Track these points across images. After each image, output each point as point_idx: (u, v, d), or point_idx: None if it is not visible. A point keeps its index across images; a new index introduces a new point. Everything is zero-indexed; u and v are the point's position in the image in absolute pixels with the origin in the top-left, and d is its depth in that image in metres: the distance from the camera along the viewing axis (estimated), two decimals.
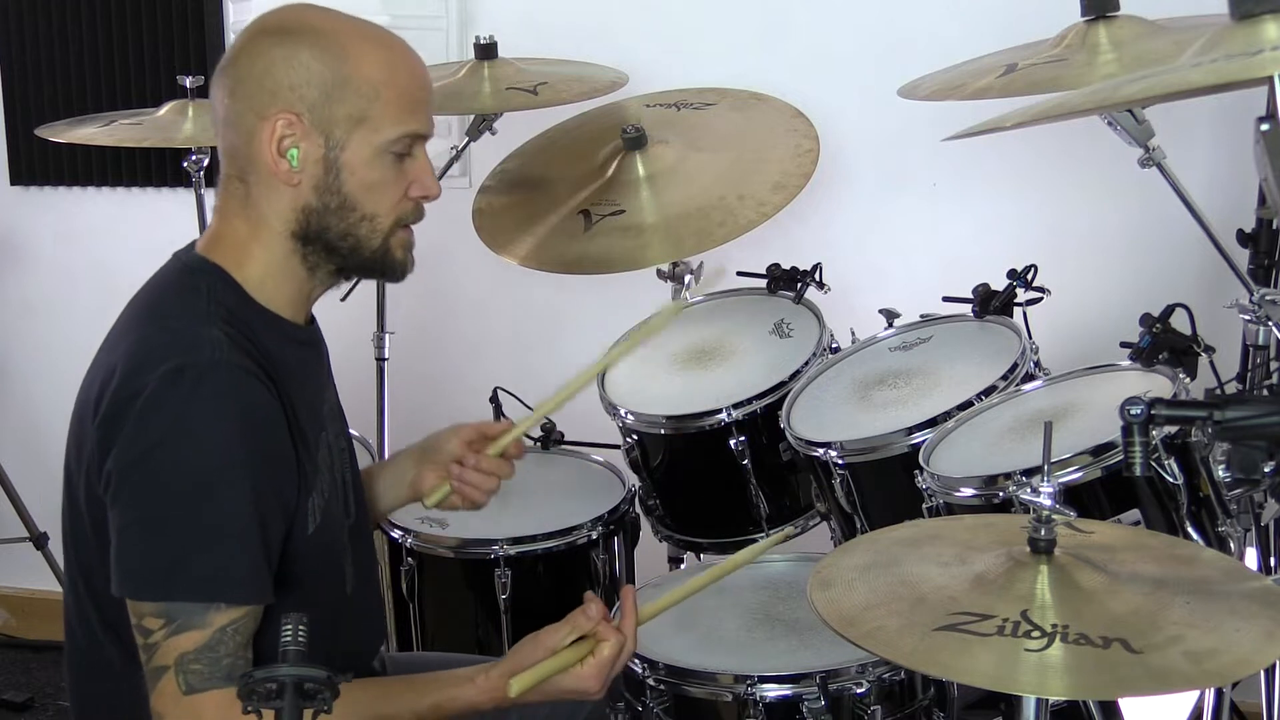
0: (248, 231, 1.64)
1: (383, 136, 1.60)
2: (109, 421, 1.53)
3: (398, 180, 1.63)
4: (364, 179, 1.61)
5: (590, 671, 1.60)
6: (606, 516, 2.31)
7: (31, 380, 3.66)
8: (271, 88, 1.58)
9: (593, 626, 1.61)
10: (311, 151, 1.59)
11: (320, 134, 1.58)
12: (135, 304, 1.67)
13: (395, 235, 1.66)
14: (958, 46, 2.38)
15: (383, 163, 1.61)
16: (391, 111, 1.60)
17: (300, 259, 1.64)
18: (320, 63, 1.58)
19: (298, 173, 1.59)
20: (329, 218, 1.62)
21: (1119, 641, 1.34)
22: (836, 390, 2.27)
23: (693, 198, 2.44)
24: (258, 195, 1.62)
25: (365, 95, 1.59)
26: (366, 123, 1.59)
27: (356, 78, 1.58)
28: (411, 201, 1.66)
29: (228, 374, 1.53)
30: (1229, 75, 1.43)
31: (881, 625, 1.43)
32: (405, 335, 2.82)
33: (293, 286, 1.66)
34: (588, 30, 3.00)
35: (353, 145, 1.59)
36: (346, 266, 1.67)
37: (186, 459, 1.50)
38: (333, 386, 1.81)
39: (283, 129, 1.58)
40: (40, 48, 3.43)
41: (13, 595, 3.69)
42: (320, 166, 1.60)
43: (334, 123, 1.58)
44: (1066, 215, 2.84)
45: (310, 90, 1.57)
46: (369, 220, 1.63)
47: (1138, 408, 1.40)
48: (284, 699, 1.17)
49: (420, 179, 1.65)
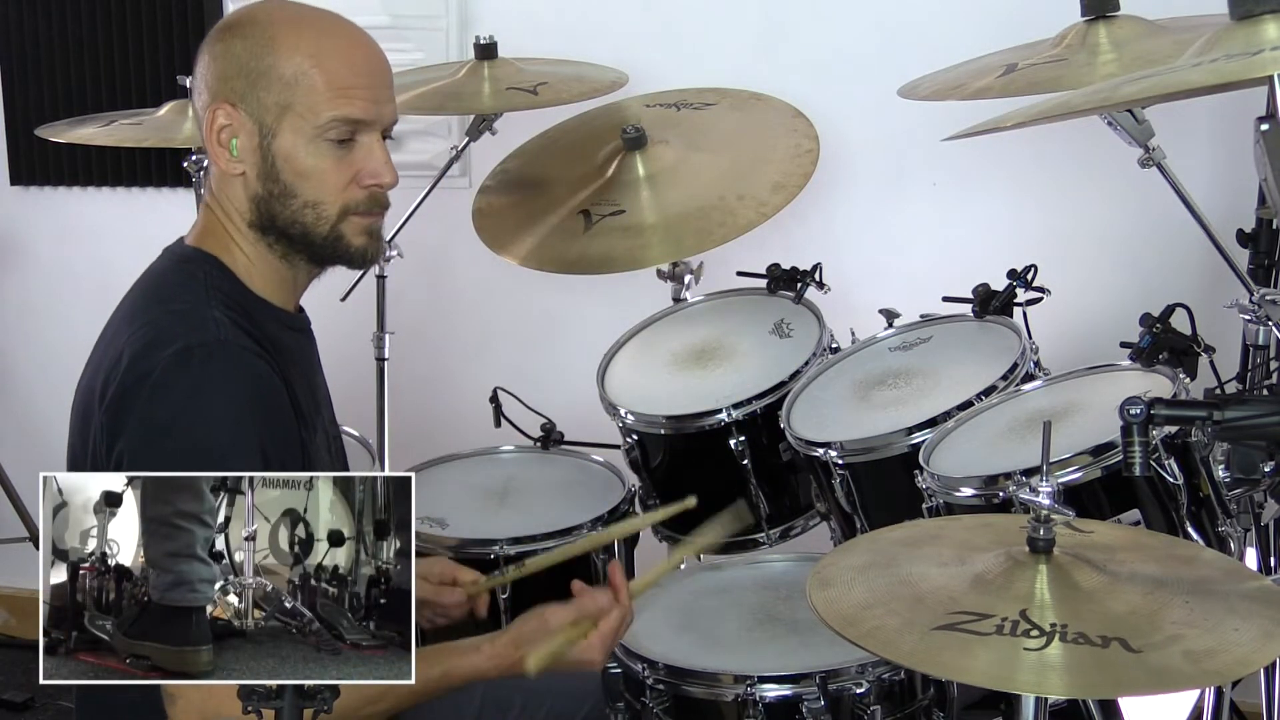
0: (225, 224, 1.68)
1: (310, 123, 1.61)
2: (118, 403, 1.54)
3: (338, 167, 1.63)
4: (299, 166, 1.63)
5: (596, 643, 1.67)
6: (606, 516, 2.31)
7: (31, 380, 3.66)
8: (210, 82, 1.64)
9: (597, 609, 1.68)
10: (247, 141, 1.63)
11: (254, 122, 1.62)
12: (133, 295, 1.68)
13: (346, 222, 1.66)
14: (958, 46, 2.38)
15: (317, 149, 1.62)
16: (319, 99, 1.61)
17: (267, 247, 1.67)
18: (245, 52, 1.62)
19: (239, 162, 1.63)
20: (274, 205, 1.64)
21: (1118, 641, 1.34)
22: (836, 390, 2.27)
23: (693, 198, 2.44)
24: (219, 189, 1.68)
25: (288, 82, 1.61)
26: (292, 109, 1.61)
27: (281, 65, 1.61)
28: (364, 190, 1.66)
29: (235, 353, 1.55)
30: (1229, 75, 1.44)
31: (880, 625, 1.43)
32: (405, 335, 2.82)
33: (274, 274, 1.69)
34: (588, 30, 3.00)
35: (283, 133, 1.62)
36: (307, 254, 1.68)
37: (198, 437, 1.52)
38: (323, 378, 1.83)
39: (221, 119, 1.62)
40: (40, 48, 3.43)
41: (13, 595, 3.69)
42: (258, 155, 1.63)
43: (264, 110, 1.61)
44: (1066, 215, 2.84)
45: (239, 80, 1.61)
46: (312, 207, 1.64)
47: (1138, 408, 1.40)
48: (284, 699, 1.17)
49: (369, 165, 1.65)
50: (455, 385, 3.19)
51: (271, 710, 1.18)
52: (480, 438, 2.65)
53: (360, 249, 1.68)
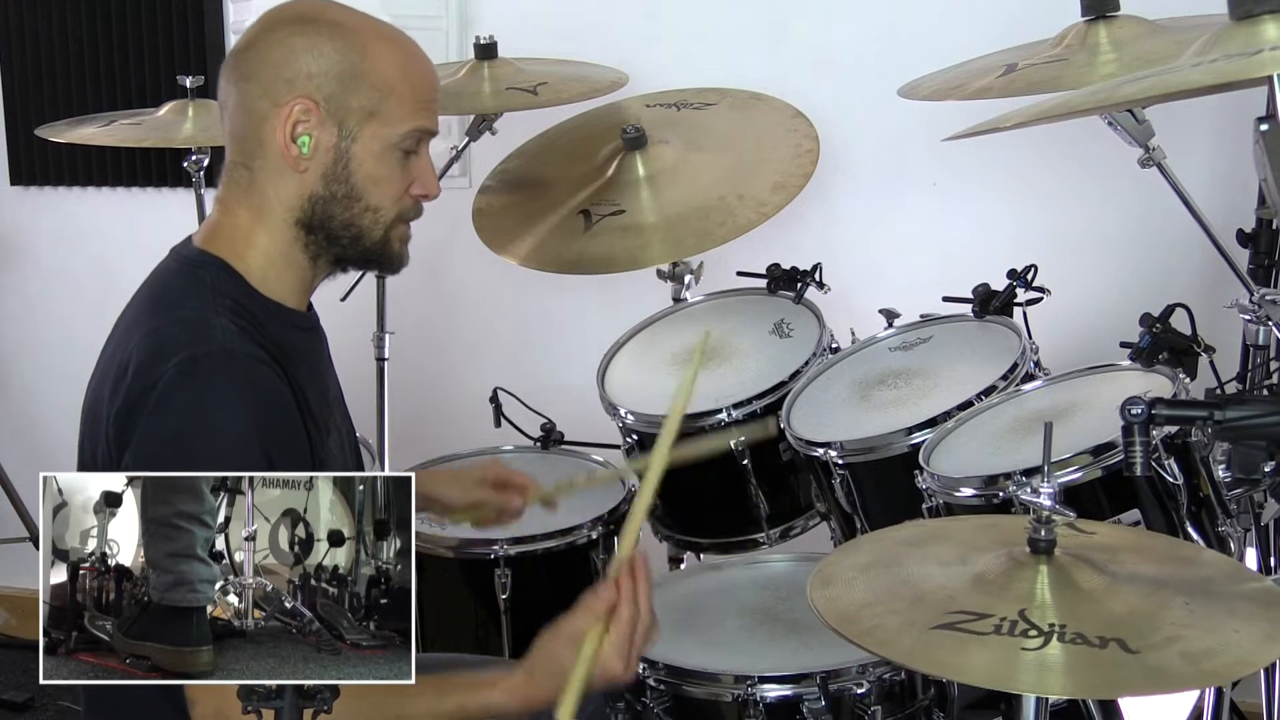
0: (250, 219, 1.66)
1: (394, 131, 1.64)
2: (125, 415, 1.55)
3: (402, 176, 1.68)
4: (371, 171, 1.65)
5: (610, 654, 1.54)
6: (606, 516, 2.31)
7: (31, 380, 3.66)
8: (289, 75, 1.62)
9: (605, 605, 1.55)
10: (324, 140, 1.63)
11: (334, 123, 1.62)
12: (139, 299, 1.68)
13: (395, 229, 1.70)
14: (958, 46, 2.37)
15: (391, 157, 1.65)
16: (404, 108, 1.64)
17: (302, 247, 1.67)
18: (340, 54, 1.62)
19: (307, 160, 1.63)
20: (334, 206, 1.65)
21: (1116, 641, 1.34)
22: (836, 390, 2.27)
23: (693, 198, 2.44)
24: (263, 182, 1.65)
25: (380, 90, 1.63)
26: (379, 116, 1.63)
27: (374, 72, 1.63)
28: (412, 199, 1.70)
29: (241, 363, 1.55)
30: (1229, 75, 1.44)
31: (879, 623, 1.44)
32: (405, 335, 2.82)
33: (294, 275, 1.69)
34: (588, 30, 3.00)
35: (364, 137, 1.63)
36: (346, 256, 1.70)
37: (204, 449, 1.51)
38: (334, 374, 1.83)
39: (299, 114, 1.61)
40: (40, 48, 3.43)
41: (13, 595, 3.69)
42: (331, 155, 1.63)
43: (348, 113, 1.62)
44: (1066, 215, 2.84)
45: (328, 80, 1.62)
46: (372, 212, 1.67)
47: (1138, 408, 1.40)
48: (283, 699, 1.17)
49: (422, 178, 1.70)
50: (455, 385, 3.19)
51: (271, 710, 1.18)
52: (480, 438, 2.65)
53: (399, 254, 1.72)
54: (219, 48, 3.28)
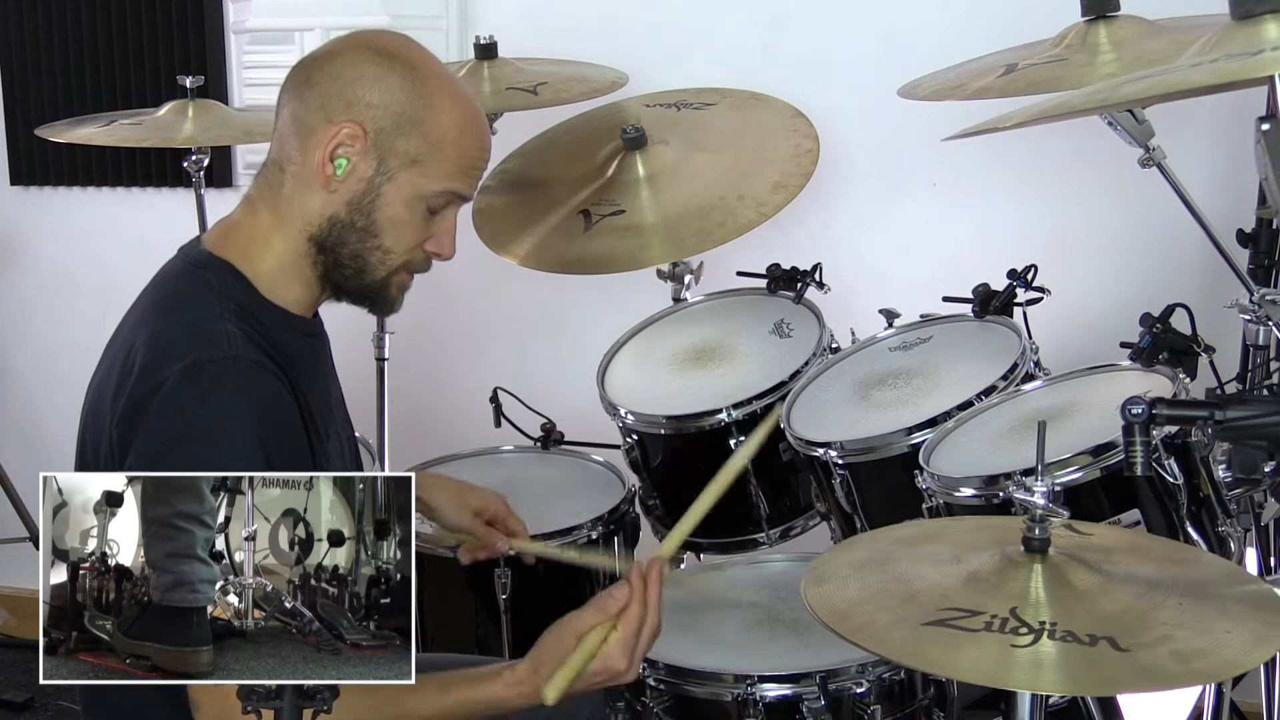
0: (271, 222, 1.67)
1: (429, 185, 1.65)
2: (128, 417, 1.55)
3: (422, 228, 1.68)
4: (395, 214, 1.66)
5: (615, 650, 1.54)
6: (606, 516, 2.31)
7: (31, 380, 3.66)
8: (350, 98, 1.63)
9: (618, 606, 1.55)
10: (361, 169, 1.63)
11: (376, 157, 1.63)
12: (144, 300, 1.68)
13: (398, 275, 1.71)
14: (958, 46, 2.38)
15: (418, 207, 1.66)
16: (447, 166, 1.65)
17: (311, 263, 1.68)
18: (405, 95, 1.63)
19: (338, 181, 1.64)
20: (350, 234, 1.66)
21: (1106, 640, 1.34)
22: (836, 390, 2.27)
23: (693, 198, 2.44)
24: (291, 189, 1.66)
25: (431, 142, 1.64)
26: (420, 166, 1.64)
27: (431, 123, 1.63)
28: (425, 253, 1.71)
29: (244, 368, 1.55)
30: (1229, 75, 1.44)
31: (871, 620, 1.44)
32: (405, 335, 2.82)
33: (301, 286, 1.70)
34: (588, 30, 3.01)
35: (399, 180, 1.64)
36: (344, 287, 1.71)
37: (206, 454, 1.51)
38: (336, 378, 1.83)
39: (344, 137, 1.62)
40: (40, 48, 3.43)
41: (13, 595, 3.69)
42: (362, 186, 1.64)
43: (392, 153, 1.63)
44: (1067, 215, 2.84)
45: (385, 115, 1.62)
46: (382, 252, 1.68)
47: (1139, 407, 1.40)
48: (283, 699, 1.17)
49: (441, 237, 1.71)
50: (455, 385, 3.19)
51: (271, 710, 1.18)
52: (480, 438, 2.65)
53: (393, 301, 1.74)
54: (219, 48, 3.27)
